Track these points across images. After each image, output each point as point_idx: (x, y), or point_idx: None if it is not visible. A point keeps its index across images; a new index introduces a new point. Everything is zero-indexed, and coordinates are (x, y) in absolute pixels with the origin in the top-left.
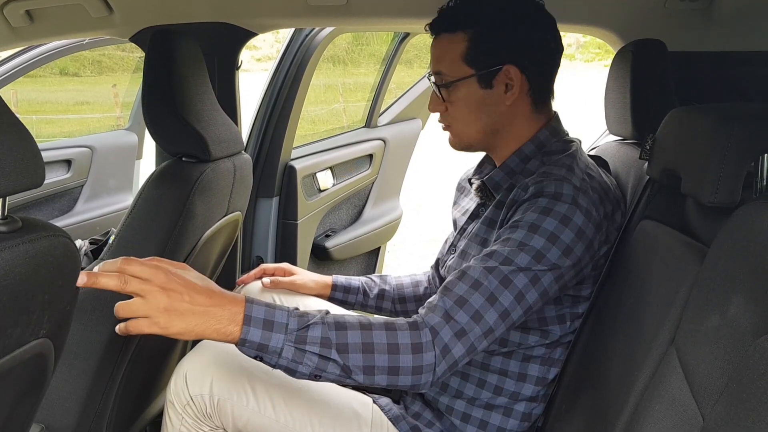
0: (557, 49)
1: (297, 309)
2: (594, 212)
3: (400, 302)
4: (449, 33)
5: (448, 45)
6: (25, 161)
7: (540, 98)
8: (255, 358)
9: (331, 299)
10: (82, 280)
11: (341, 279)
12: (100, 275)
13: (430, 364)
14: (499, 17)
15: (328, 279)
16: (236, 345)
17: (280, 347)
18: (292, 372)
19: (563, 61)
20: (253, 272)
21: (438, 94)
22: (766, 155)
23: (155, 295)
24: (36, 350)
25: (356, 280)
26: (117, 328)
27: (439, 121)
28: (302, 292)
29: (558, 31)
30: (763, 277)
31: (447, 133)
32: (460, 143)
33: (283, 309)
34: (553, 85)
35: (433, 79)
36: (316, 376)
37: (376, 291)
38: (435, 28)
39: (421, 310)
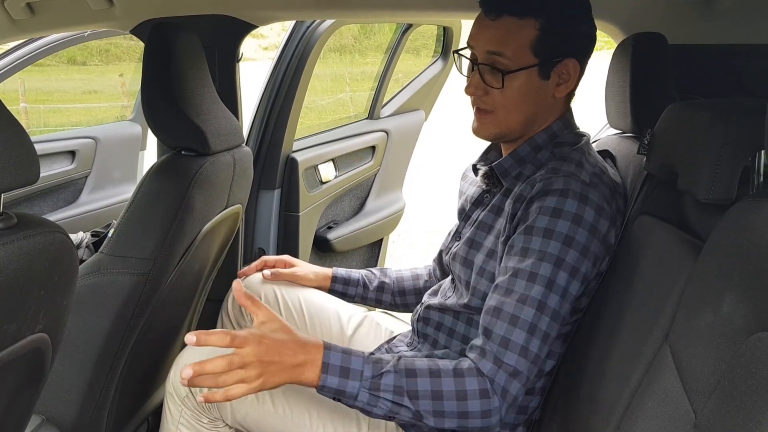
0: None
1: (372, 354)
2: (606, 206)
3: (400, 295)
4: (516, 17)
5: (514, 29)
6: (20, 158)
7: (574, 93)
8: (333, 398)
9: (331, 291)
10: (191, 340)
11: (341, 271)
12: (209, 361)
13: (497, 407)
14: (569, 8)
15: (328, 271)
16: (316, 389)
17: (356, 393)
18: (368, 412)
19: None
20: (254, 264)
21: (481, 76)
22: (762, 151)
23: (255, 371)
24: (33, 345)
25: (356, 273)
26: (207, 396)
27: (478, 106)
28: (302, 284)
29: None
30: (756, 275)
31: (472, 120)
32: (494, 131)
33: (359, 355)
34: None
35: (483, 59)
36: (390, 417)
37: (376, 283)
38: (496, 8)
39: (470, 354)
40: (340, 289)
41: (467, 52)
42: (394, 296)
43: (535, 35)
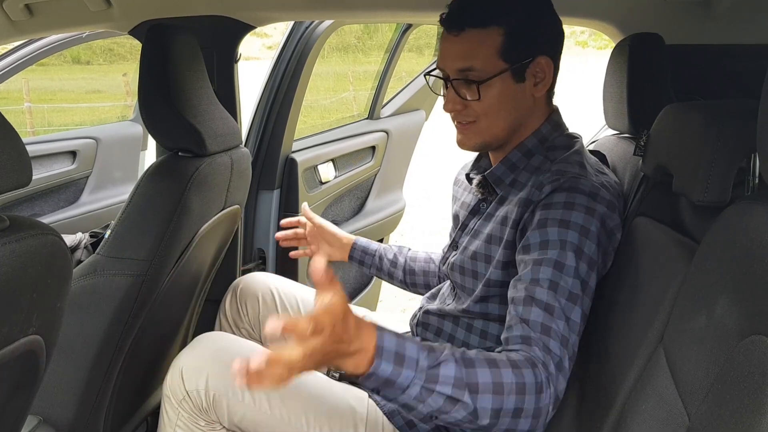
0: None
1: (426, 341)
2: (615, 202)
3: (410, 274)
4: (479, 28)
5: (479, 40)
6: (12, 161)
7: (553, 90)
8: (373, 390)
9: (349, 258)
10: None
11: (362, 240)
12: (264, 378)
13: (546, 405)
14: (532, 7)
15: (351, 237)
16: (359, 379)
17: (407, 385)
18: (409, 409)
19: (576, 49)
20: (289, 220)
21: (456, 92)
22: (757, 153)
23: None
24: (26, 347)
25: (375, 244)
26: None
27: (458, 120)
28: (328, 242)
29: None
30: (749, 278)
31: (455, 132)
32: (480, 141)
33: (412, 340)
34: None
35: (455, 75)
36: (431, 417)
37: (390, 257)
38: (457, 24)
39: (513, 345)
40: (359, 256)
41: (439, 72)
42: (405, 275)
43: (501, 41)
